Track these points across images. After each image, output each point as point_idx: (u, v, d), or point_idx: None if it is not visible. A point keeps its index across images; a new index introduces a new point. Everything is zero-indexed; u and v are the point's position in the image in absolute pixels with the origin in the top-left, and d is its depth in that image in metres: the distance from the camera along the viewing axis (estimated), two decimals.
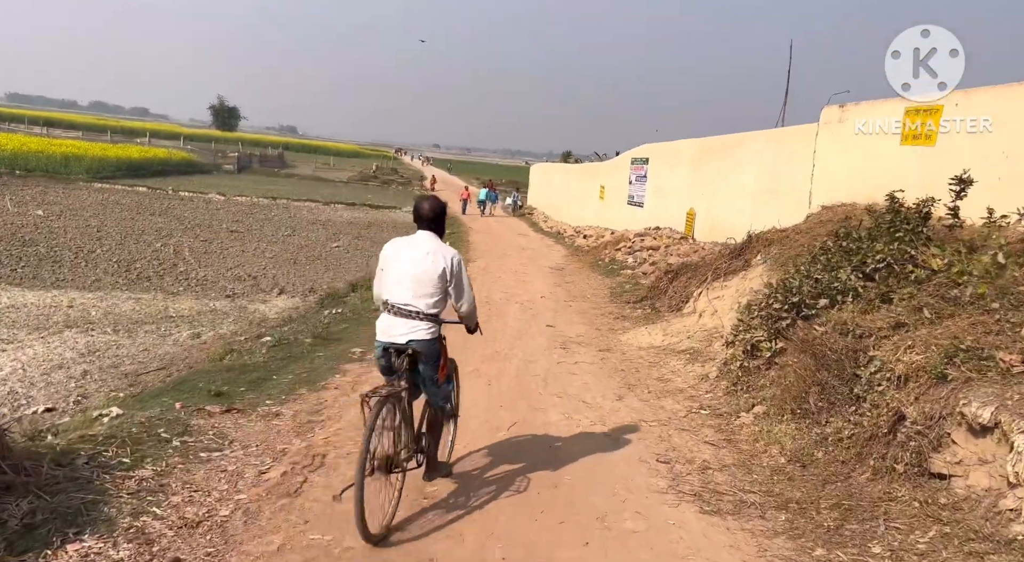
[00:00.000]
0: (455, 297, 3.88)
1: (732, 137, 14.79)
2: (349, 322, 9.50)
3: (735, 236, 13.94)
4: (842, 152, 10.63)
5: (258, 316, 11.72)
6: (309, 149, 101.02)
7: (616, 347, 8.71)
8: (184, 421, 4.68)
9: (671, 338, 8.96)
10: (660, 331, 9.42)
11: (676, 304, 10.53)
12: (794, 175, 12.15)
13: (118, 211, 26.65)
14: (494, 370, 7.12)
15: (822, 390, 5.17)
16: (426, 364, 3.76)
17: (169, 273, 17.06)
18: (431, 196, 4.11)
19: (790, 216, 11.36)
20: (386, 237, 18.17)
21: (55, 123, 78.07)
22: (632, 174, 21.63)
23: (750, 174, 13.79)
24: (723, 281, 9.88)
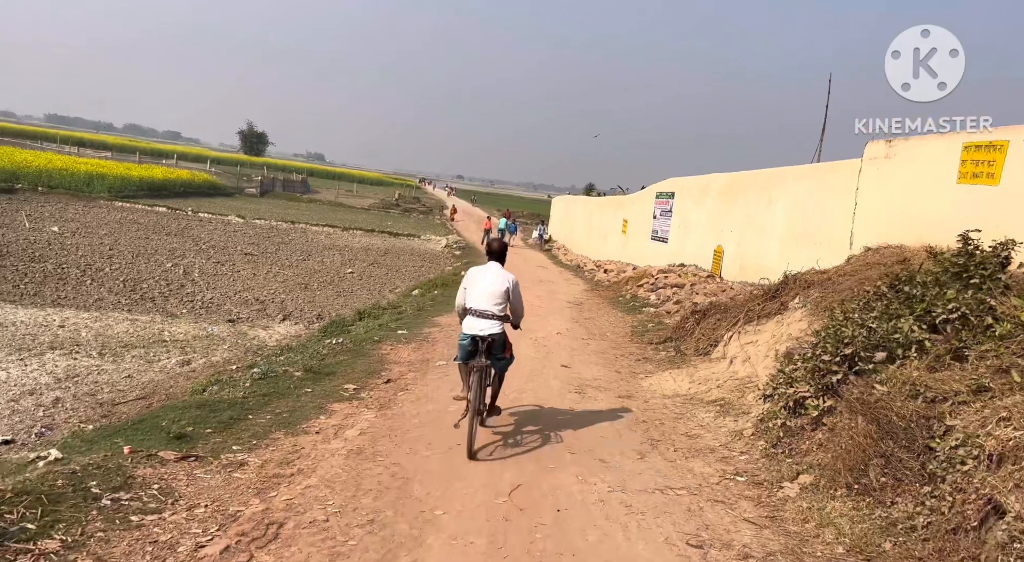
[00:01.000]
0: (513, 305, 5.68)
1: (764, 172, 14.05)
2: (348, 354, 8.78)
3: (766, 276, 13.13)
4: (889, 190, 9.83)
5: (256, 343, 11.06)
6: (334, 176, 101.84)
7: (638, 394, 7.89)
8: (127, 471, 3.96)
9: (698, 386, 8.13)
10: (686, 377, 8.59)
11: (704, 348, 9.69)
12: (832, 213, 11.36)
13: (134, 230, 26.41)
14: None
15: (886, 463, 4.34)
16: (496, 346, 5.52)
17: (175, 294, 16.54)
18: (499, 239, 6.09)
19: (828, 257, 10.54)
20: (403, 264, 17.62)
21: (87, 143, 79.42)
22: (656, 208, 20.92)
23: (783, 211, 13.01)
24: (756, 325, 9.05)
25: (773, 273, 12.93)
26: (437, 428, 5.84)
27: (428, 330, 10.86)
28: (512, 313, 5.71)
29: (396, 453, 5.04)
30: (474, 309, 5.51)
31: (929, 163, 9.03)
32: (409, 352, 9.12)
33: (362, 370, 7.87)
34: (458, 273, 21.60)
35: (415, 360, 8.65)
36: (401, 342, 9.72)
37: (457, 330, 5.71)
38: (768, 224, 13.57)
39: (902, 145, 9.68)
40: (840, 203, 11.01)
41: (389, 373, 7.80)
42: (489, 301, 5.47)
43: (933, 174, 8.86)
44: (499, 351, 5.55)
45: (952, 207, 8.21)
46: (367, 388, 7.08)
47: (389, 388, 7.14)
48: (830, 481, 4.67)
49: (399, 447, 5.20)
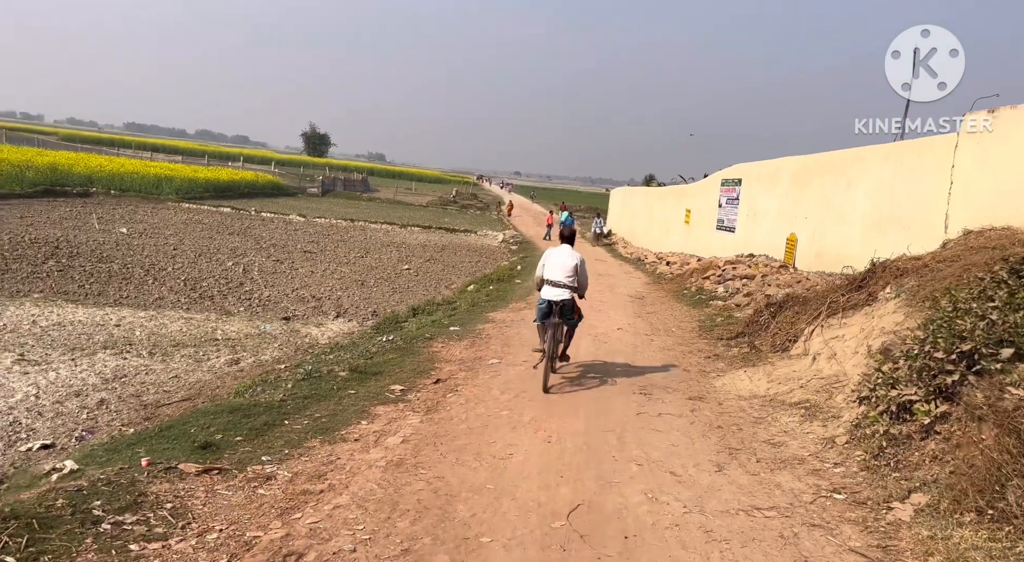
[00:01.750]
0: (579, 278, 7.11)
1: (842, 154, 12.96)
2: (397, 352, 8.34)
3: (847, 264, 12.09)
4: (993, 166, 8.77)
5: (308, 341, 10.79)
6: (393, 175, 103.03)
7: (710, 395, 7.16)
8: (140, 487, 3.56)
9: (778, 386, 7.33)
10: (763, 376, 7.79)
11: (781, 343, 8.85)
12: (923, 195, 10.29)
13: (198, 230, 26.91)
14: (556, 423, 5.74)
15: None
16: (567, 309, 6.91)
17: (233, 292, 16.58)
18: (570, 226, 8.14)
19: (919, 242, 9.50)
20: (459, 260, 17.22)
21: (159, 148, 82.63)
22: (722, 196, 19.87)
23: (865, 194, 11.95)
24: (841, 318, 8.17)
25: (854, 261, 11.91)
26: (486, 435, 5.30)
27: (481, 326, 10.35)
28: (578, 284, 7.16)
29: (441, 464, 4.52)
30: (549, 280, 7.06)
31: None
32: (461, 350, 8.62)
33: (411, 369, 7.40)
34: (514, 268, 21.08)
35: (467, 358, 8.14)
36: (453, 339, 9.23)
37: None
38: (847, 209, 12.51)
39: (1008, 115, 8.60)
40: (932, 183, 9.95)
41: (439, 372, 7.31)
42: (562, 274, 7.01)
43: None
44: (569, 313, 7.01)
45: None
46: (414, 389, 6.60)
47: (438, 389, 6.65)
48: (954, 503, 3.89)
49: (444, 457, 4.67)
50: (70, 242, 20.00)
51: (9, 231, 20.32)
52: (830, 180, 13.23)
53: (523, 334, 9.93)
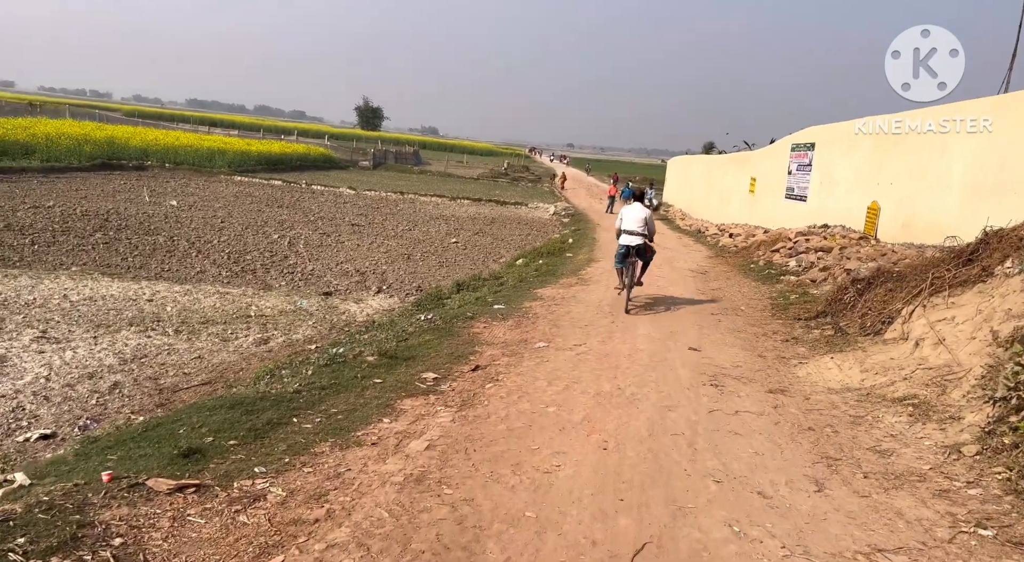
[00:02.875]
0: (649, 227, 9.42)
1: (936, 110, 11.45)
2: (435, 333, 7.55)
3: (944, 234, 10.72)
4: None
5: (344, 319, 10.11)
6: (445, 148, 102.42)
7: (793, 387, 6.13)
8: (89, 513, 2.83)
9: (875, 377, 6.24)
10: (854, 364, 6.70)
11: (873, 325, 7.69)
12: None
13: (248, 203, 26.71)
14: (612, 423, 4.83)
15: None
16: (641, 251, 9.38)
17: (276, 266, 16.11)
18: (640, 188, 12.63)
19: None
20: (508, 233, 16.34)
21: (217, 123, 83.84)
22: (792, 163, 18.36)
23: (964, 156, 10.50)
24: (947, 297, 6.98)
25: (952, 231, 10.52)
26: (529, 438, 4.43)
27: (529, 304, 9.47)
28: (648, 231, 9.41)
29: (471, 481, 3.68)
30: (626, 230, 9.44)
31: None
32: (505, 331, 7.76)
33: (447, 353, 6.59)
34: (565, 241, 20.08)
35: (511, 341, 7.28)
36: (497, 319, 8.38)
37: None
38: (942, 173, 11.07)
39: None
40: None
41: (478, 358, 6.47)
42: (635, 224, 9.35)
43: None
44: (643, 253, 9.48)
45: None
46: (449, 377, 5.78)
47: (476, 378, 5.81)
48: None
49: (476, 470, 3.83)
50: (120, 214, 19.91)
51: (62, 203, 20.37)
52: (920, 142, 11.75)
53: (574, 313, 9.01)
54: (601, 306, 9.64)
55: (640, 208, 9.56)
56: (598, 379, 5.91)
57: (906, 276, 8.04)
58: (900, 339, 7.01)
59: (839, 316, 8.54)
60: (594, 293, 10.80)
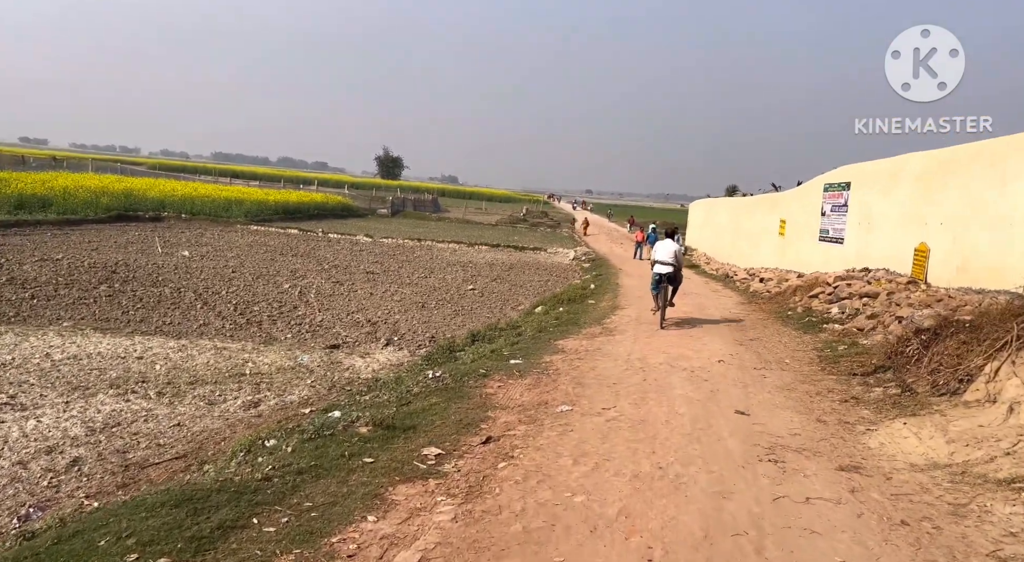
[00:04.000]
0: (678, 258, 11.89)
1: (995, 143, 10.55)
2: (443, 394, 6.64)
3: (1004, 279, 9.70)
4: None
5: (347, 376, 9.25)
6: (464, 195, 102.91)
7: (868, 463, 5.10)
8: None
9: (966, 450, 5.19)
10: (936, 433, 5.65)
11: (947, 384, 6.65)
12: None
13: (262, 252, 26.27)
14: (656, 519, 3.84)
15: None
16: (672, 278, 11.80)
17: (284, 317, 15.39)
18: (673, 225, 18.95)
19: None
20: (527, 279, 15.34)
21: (239, 175, 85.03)
22: (826, 203, 17.43)
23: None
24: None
25: (1020, 275, 9.48)
26: (550, 545, 3.47)
27: (549, 359, 8.54)
28: (677, 262, 11.79)
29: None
30: (658, 260, 11.76)
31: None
32: (522, 391, 6.83)
33: (455, 421, 5.66)
34: (586, 287, 19.18)
35: (529, 403, 6.35)
36: (513, 376, 7.46)
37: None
38: (1005, 211, 10.08)
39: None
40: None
41: (491, 426, 5.55)
42: (667, 256, 11.73)
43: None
44: (672, 280, 11.81)
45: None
46: (455, 453, 4.85)
47: (487, 454, 4.88)
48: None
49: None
50: (128, 266, 19.44)
51: (71, 256, 19.98)
52: (977, 176, 10.81)
53: (600, 369, 8.06)
54: (631, 360, 8.67)
55: (671, 243, 12.23)
56: (634, 455, 4.93)
57: (981, 327, 7.01)
58: (986, 401, 5.97)
59: (903, 372, 7.50)
60: (621, 345, 9.85)
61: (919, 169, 12.70)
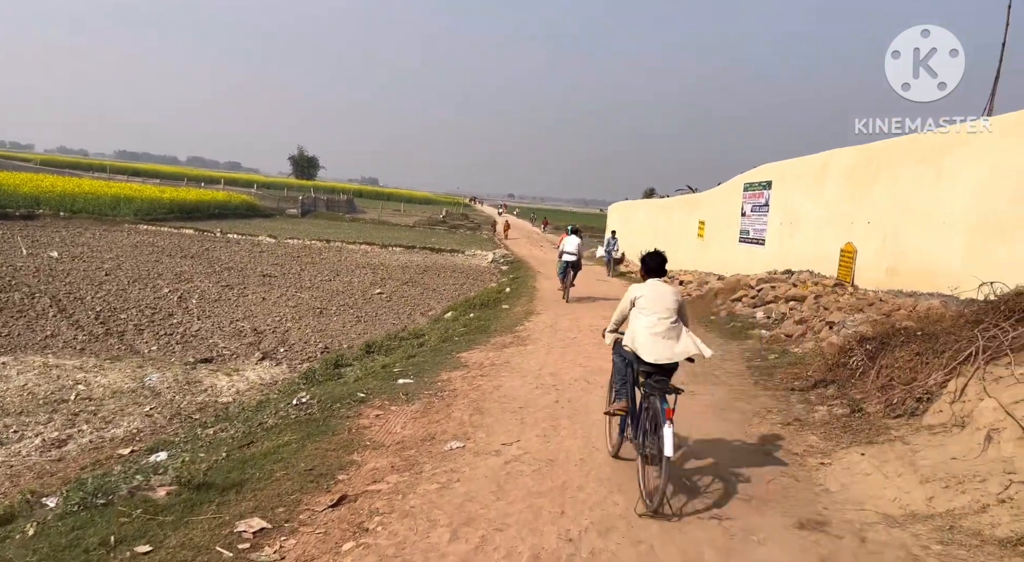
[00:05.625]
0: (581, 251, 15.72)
1: (926, 138, 9.92)
2: (302, 429, 5.18)
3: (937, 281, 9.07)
4: None
5: (201, 401, 7.62)
6: (382, 196, 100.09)
7: (833, 514, 4.01)
8: None
9: (947, 494, 4.17)
10: (904, 469, 4.64)
11: (903, 402, 5.70)
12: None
13: (147, 253, 23.77)
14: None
15: None
16: (576, 265, 15.23)
17: (155, 326, 13.44)
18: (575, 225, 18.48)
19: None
20: (442, 283, 13.34)
21: (140, 173, 79.50)
22: (746, 203, 16.86)
23: (971, 187, 8.90)
24: (1013, 366, 5.06)
25: (955, 278, 8.83)
26: None
27: (447, 376, 7.19)
28: (579, 252, 15.11)
29: None
30: (565, 251, 15.02)
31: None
32: (406, 421, 5.46)
33: (302, 471, 4.23)
34: (501, 290, 17.94)
35: (410, 439, 4.98)
36: (398, 401, 6.07)
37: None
38: (939, 209, 9.47)
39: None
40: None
41: (351, 478, 4.15)
42: (572, 248, 14.92)
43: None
44: (577, 267, 15.04)
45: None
46: (286, 527, 3.44)
47: (333, 525, 3.48)
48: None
49: None
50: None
51: None
52: (909, 172, 10.20)
53: (506, 388, 6.78)
54: (542, 376, 7.43)
55: (575, 238, 15.25)
56: (536, 518, 3.65)
57: (936, 336, 6.12)
58: (953, 425, 5.02)
59: (848, 387, 6.56)
60: (533, 356, 8.61)
61: (846, 165, 12.11)
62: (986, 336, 5.42)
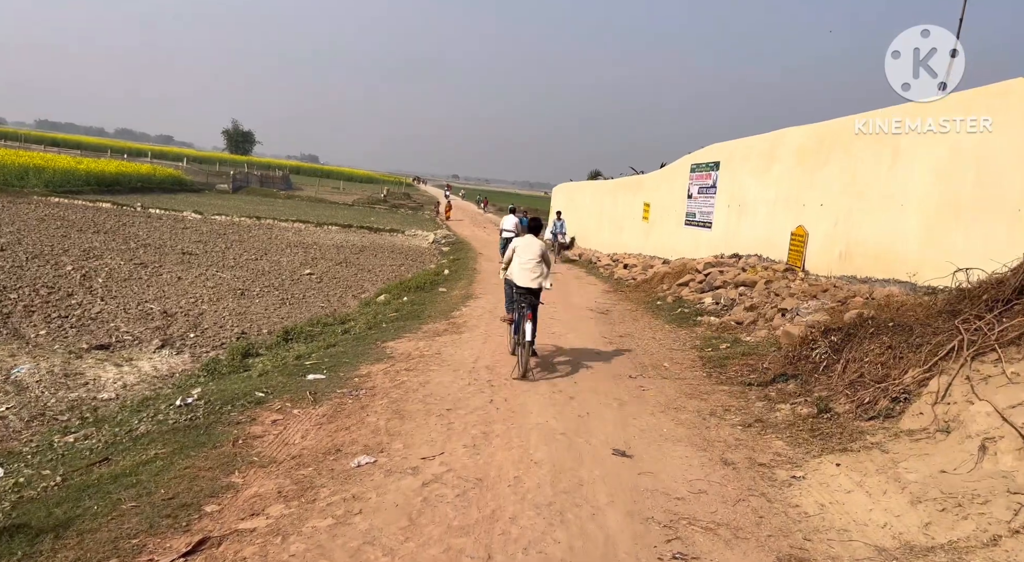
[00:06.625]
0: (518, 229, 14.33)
1: (881, 113, 9.44)
2: (179, 439, 4.22)
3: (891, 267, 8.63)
4: None
5: (76, 397, 6.50)
6: (322, 174, 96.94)
7: (816, 545, 3.33)
8: None
9: (944, 517, 3.54)
10: (888, 484, 4.01)
11: (876, 401, 5.11)
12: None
13: (53, 228, 21.79)
14: None
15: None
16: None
17: (49, 307, 12.01)
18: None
19: None
20: (378, 264, 11.18)
21: (60, 143, 74.69)
22: (692, 185, 16.34)
23: (928, 168, 8.44)
24: (1002, 362, 4.49)
25: (912, 264, 8.39)
26: None
27: (367, 369, 6.29)
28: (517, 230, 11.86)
29: None
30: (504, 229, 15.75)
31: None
32: (309, 428, 4.55)
33: (158, 501, 3.30)
34: (440, 272, 16.99)
35: (310, 452, 4.08)
36: (303, 401, 5.15)
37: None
38: (895, 191, 9.01)
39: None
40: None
41: (220, 510, 3.25)
42: (510, 225, 15.45)
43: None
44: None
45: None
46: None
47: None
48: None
49: None
50: None
51: None
52: (862, 151, 9.71)
53: (434, 384, 5.93)
54: (477, 369, 6.61)
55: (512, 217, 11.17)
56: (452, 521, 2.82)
57: (910, 327, 5.55)
58: (937, 431, 4.43)
59: (811, 382, 5.96)
60: (468, 346, 7.78)
61: (797, 145, 11.61)
62: (969, 329, 4.85)
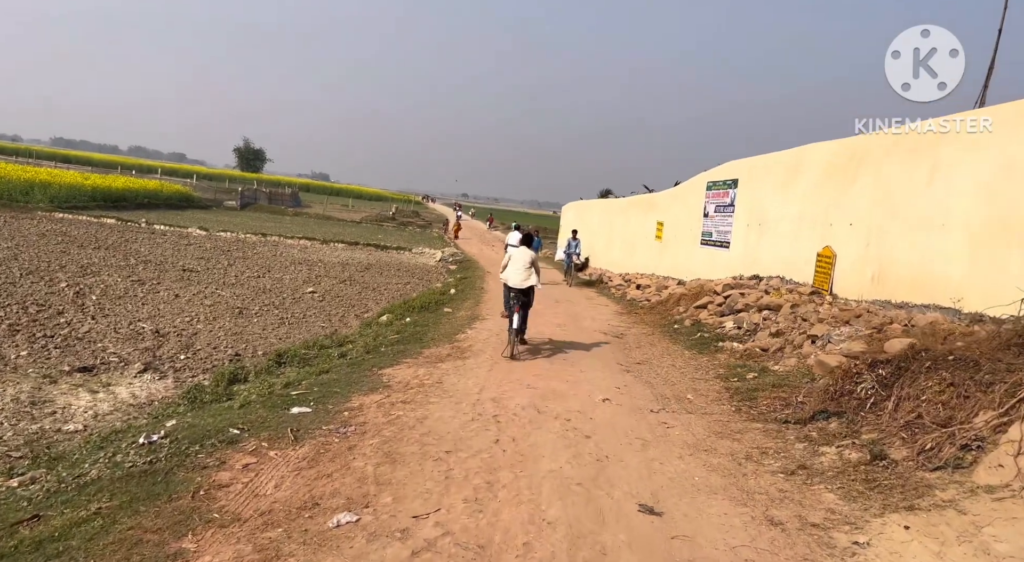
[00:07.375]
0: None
1: (923, 125, 8.79)
2: (130, 490, 3.60)
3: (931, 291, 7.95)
4: None
5: (37, 429, 5.90)
6: (332, 192, 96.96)
7: None
8: None
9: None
10: (975, 556, 3.32)
11: (940, 448, 4.43)
12: None
13: (54, 243, 21.40)
14: None
15: None
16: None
17: (36, 325, 11.48)
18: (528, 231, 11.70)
19: None
20: (384, 282, 10.88)
21: (71, 160, 75.12)
22: (709, 204, 15.72)
23: (975, 184, 7.77)
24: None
25: (956, 289, 7.71)
26: None
27: (359, 402, 5.65)
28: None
29: None
30: (509, 244, 11.76)
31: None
32: (284, 475, 3.91)
33: None
34: (446, 291, 16.40)
35: (282, 507, 3.45)
36: (283, 441, 4.51)
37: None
38: (932, 212, 8.34)
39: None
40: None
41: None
42: (514, 240, 11.35)
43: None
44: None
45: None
46: None
47: None
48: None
49: None
50: None
51: None
52: (897, 168, 9.07)
53: (433, 420, 5.28)
54: (481, 402, 5.96)
55: (518, 234, 11.41)
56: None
57: (976, 363, 4.87)
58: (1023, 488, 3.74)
59: (858, 422, 5.28)
60: (472, 374, 7.13)
61: (824, 161, 10.98)
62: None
